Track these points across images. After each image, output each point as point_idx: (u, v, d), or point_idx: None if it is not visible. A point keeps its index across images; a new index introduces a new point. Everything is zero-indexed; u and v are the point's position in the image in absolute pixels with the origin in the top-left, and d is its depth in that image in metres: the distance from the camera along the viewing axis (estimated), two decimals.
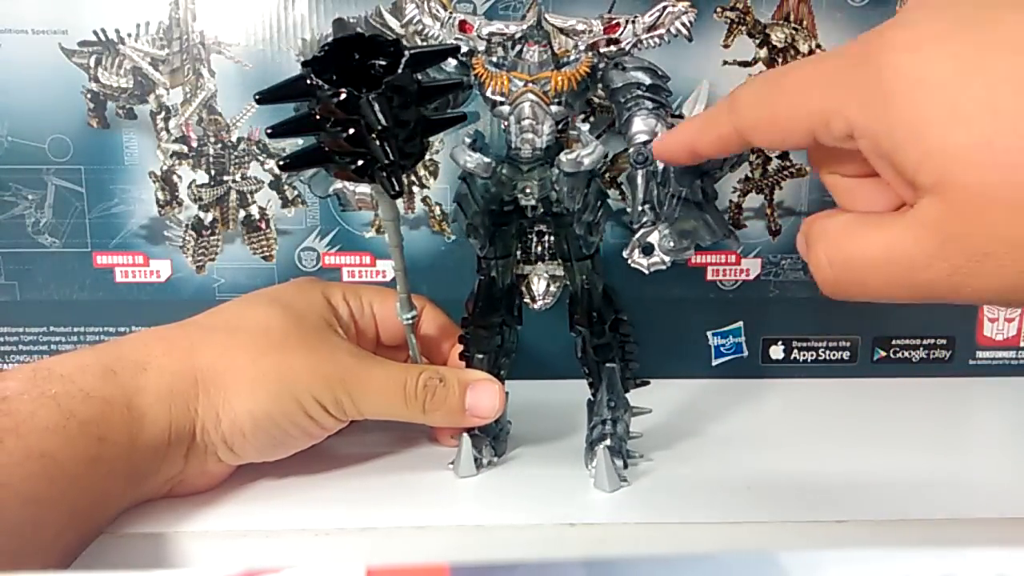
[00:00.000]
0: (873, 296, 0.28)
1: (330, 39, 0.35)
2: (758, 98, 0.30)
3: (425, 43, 0.42)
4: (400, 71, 0.34)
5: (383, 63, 0.35)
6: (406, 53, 0.34)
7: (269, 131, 0.34)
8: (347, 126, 0.33)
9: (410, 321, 0.43)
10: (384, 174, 0.34)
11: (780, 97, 0.29)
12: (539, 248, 0.45)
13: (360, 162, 0.34)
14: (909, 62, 0.25)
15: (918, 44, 0.25)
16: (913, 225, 0.26)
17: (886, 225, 0.27)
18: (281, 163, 0.35)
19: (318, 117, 0.34)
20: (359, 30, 0.36)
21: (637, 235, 0.39)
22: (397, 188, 0.35)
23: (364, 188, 0.42)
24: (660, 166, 0.38)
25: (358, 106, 0.33)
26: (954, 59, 0.24)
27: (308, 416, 0.39)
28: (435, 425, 0.46)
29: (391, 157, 0.34)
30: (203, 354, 0.39)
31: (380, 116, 0.33)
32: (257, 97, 0.34)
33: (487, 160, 0.40)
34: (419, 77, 0.35)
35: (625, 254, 0.40)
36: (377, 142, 0.33)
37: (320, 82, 0.33)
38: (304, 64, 0.34)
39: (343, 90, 0.33)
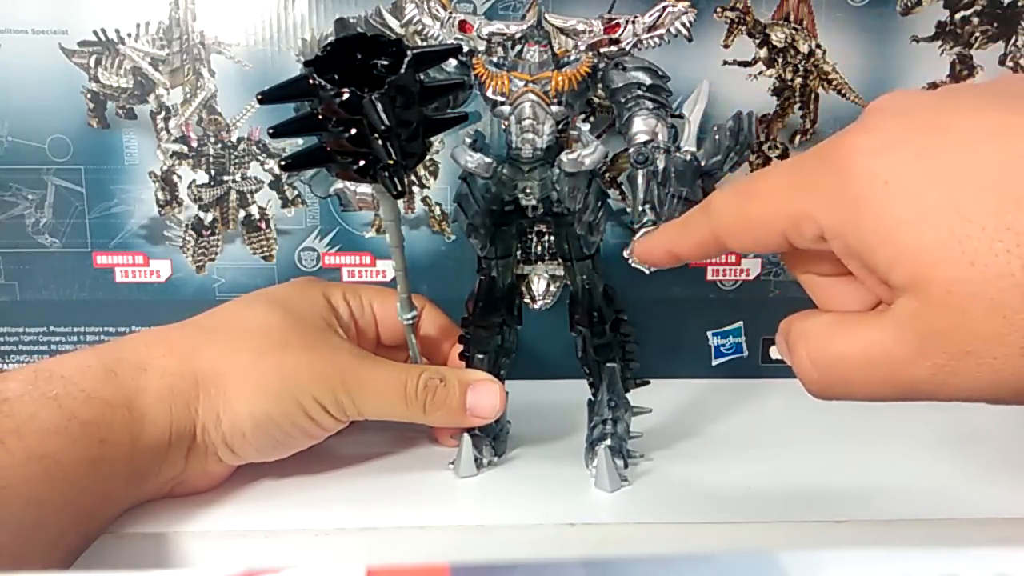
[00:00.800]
0: (860, 396, 0.28)
1: (331, 39, 0.35)
2: (732, 203, 0.31)
3: (425, 43, 0.42)
4: (403, 71, 0.34)
5: (385, 63, 0.35)
6: (409, 53, 0.34)
7: (271, 131, 0.34)
8: (350, 126, 0.33)
9: (410, 321, 0.43)
10: (386, 174, 0.34)
11: (753, 202, 0.30)
12: (539, 248, 0.45)
13: (362, 162, 0.34)
14: (874, 165, 0.26)
15: (881, 148, 0.26)
16: (892, 324, 0.26)
17: (867, 325, 0.27)
18: (283, 163, 0.35)
19: (320, 117, 0.34)
20: (360, 30, 0.35)
21: (638, 235, 0.39)
22: (400, 188, 0.35)
23: (365, 188, 0.42)
24: (660, 165, 0.38)
25: (361, 106, 0.33)
26: (916, 161, 0.25)
27: (308, 417, 0.39)
28: (436, 425, 0.46)
29: (393, 157, 0.34)
30: (204, 355, 0.39)
31: (383, 116, 0.33)
32: (259, 97, 0.34)
33: (488, 160, 0.40)
34: (421, 77, 0.35)
35: (626, 254, 0.40)
36: (379, 142, 0.33)
37: (323, 82, 0.33)
38: (306, 64, 0.34)
39: (346, 90, 0.33)
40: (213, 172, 0.55)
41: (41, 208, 0.55)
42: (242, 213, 0.56)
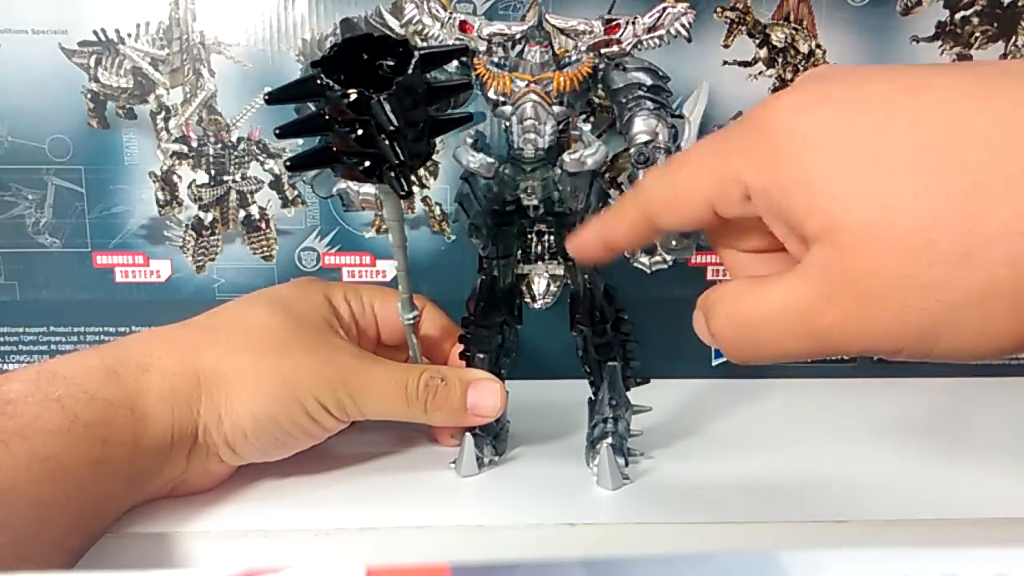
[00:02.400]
0: (776, 351, 0.28)
1: (333, 39, 0.35)
2: (661, 177, 0.32)
3: (426, 43, 0.42)
4: (410, 71, 0.34)
5: (391, 63, 0.35)
6: (416, 54, 0.34)
7: (278, 131, 0.34)
8: (356, 126, 0.33)
9: (411, 321, 0.43)
10: (393, 174, 0.34)
11: (679, 172, 0.31)
12: (539, 248, 0.45)
13: (368, 162, 0.34)
14: (796, 122, 0.27)
15: (803, 107, 0.27)
16: (804, 274, 0.27)
17: (780, 279, 0.28)
18: (288, 163, 0.35)
19: (327, 117, 0.34)
20: (366, 30, 0.36)
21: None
22: (406, 188, 0.35)
23: (369, 189, 0.42)
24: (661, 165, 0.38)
25: (369, 106, 0.33)
26: (835, 116, 0.26)
27: (310, 417, 0.39)
28: (437, 425, 0.46)
29: (401, 157, 0.34)
30: (205, 355, 0.39)
31: (391, 116, 0.33)
32: (266, 97, 0.34)
33: (490, 160, 0.40)
34: (428, 78, 0.35)
35: (627, 253, 0.40)
36: (387, 142, 0.33)
37: (330, 82, 0.33)
38: (313, 64, 0.34)
39: (353, 90, 0.33)
40: (213, 172, 0.55)
41: (41, 208, 0.55)
42: (242, 213, 0.56)
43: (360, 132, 0.33)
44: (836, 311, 0.26)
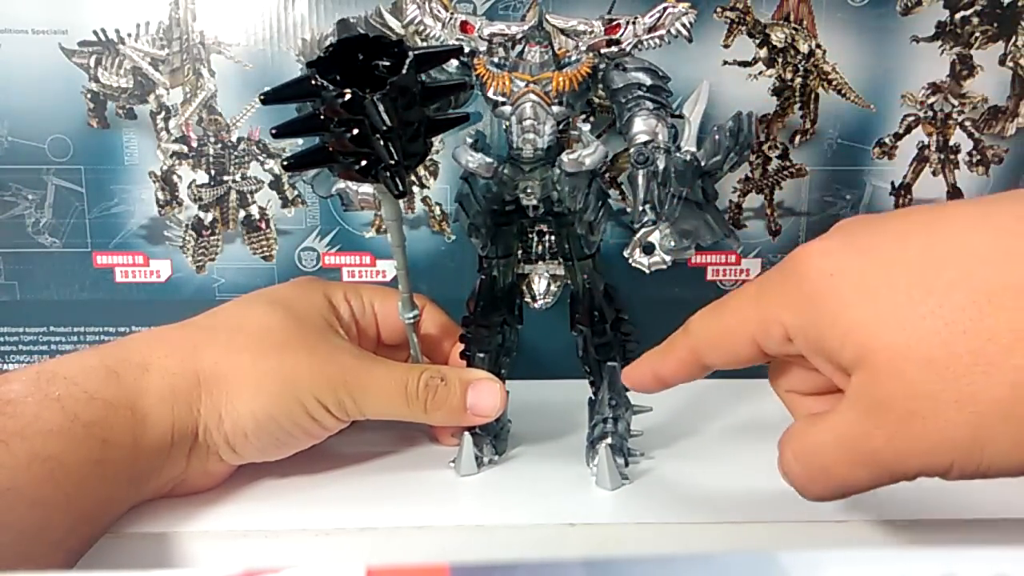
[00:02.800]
0: (841, 483, 0.30)
1: (332, 39, 0.35)
2: (707, 318, 0.35)
3: (427, 43, 0.42)
4: (404, 71, 0.34)
5: (387, 64, 0.35)
6: (410, 54, 0.34)
7: (274, 131, 0.35)
8: (351, 126, 0.33)
9: (412, 320, 0.43)
10: (388, 174, 0.34)
11: (724, 314, 0.34)
12: (540, 247, 0.45)
13: (364, 162, 0.34)
14: (823, 264, 0.30)
15: (829, 250, 0.30)
16: (849, 402, 0.29)
17: (833, 410, 0.30)
18: (285, 163, 0.35)
19: (323, 117, 0.34)
20: (361, 30, 0.36)
21: (638, 235, 0.39)
22: (401, 188, 0.35)
23: (367, 188, 0.42)
24: (661, 166, 0.38)
25: (363, 106, 0.33)
26: (857, 255, 0.29)
27: (310, 417, 0.39)
28: (436, 424, 0.46)
29: (395, 157, 0.34)
30: (205, 355, 0.39)
31: (384, 116, 0.33)
32: (262, 97, 0.34)
33: (489, 160, 0.40)
34: (423, 78, 0.35)
35: (626, 253, 0.40)
36: (381, 142, 0.34)
37: (325, 83, 0.33)
38: (309, 65, 0.34)
39: (348, 91, 0.33)
40: (213, 172, 0.55)
41: (41, 208, 0.55)
42: (242, 213, 0.56)
43: (355, 132, 0.33)
44: (882, 433, 0.28)
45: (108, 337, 0.57)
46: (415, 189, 0.56)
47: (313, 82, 0.33)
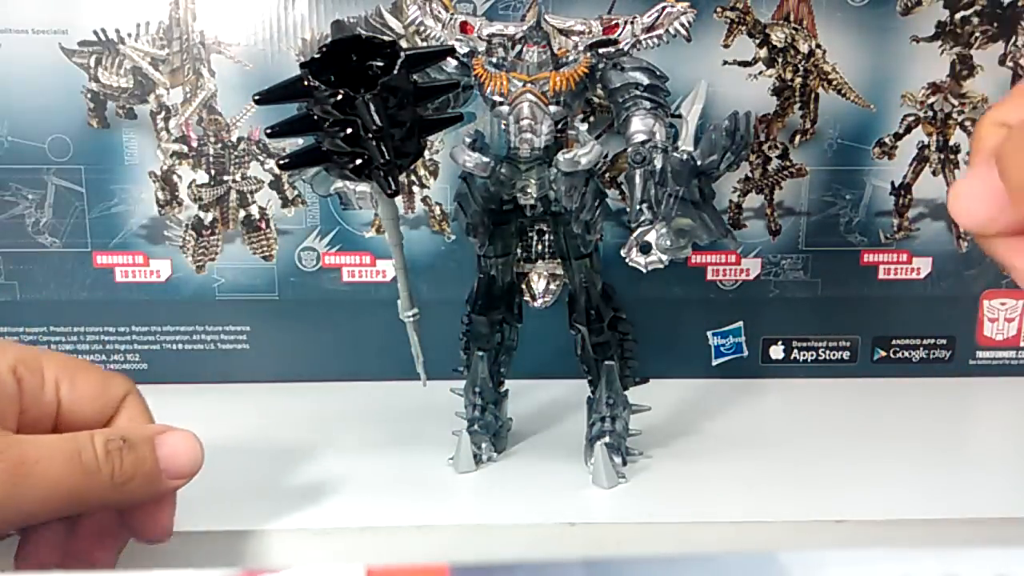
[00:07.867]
0: None
1: (329, 40, 0.35)
2: None
3: (426, 43, 0.42)
4: (396, 72, 0.34)
5: (380, 64, 0.35)
6: (402, 54, 0.34)
7: (268, 131, 0.35)
8: (344, 126, 0.34)
9: (412, 320, 0.43)
10: (380, 173, 0.35)
11: None
12: (539, 246, 0.45)
13: (358, 161, 0.34)
14: None
15: None
16: None
17: None
18: (281, 162, 0.35)
19: (316, 117, 0.34)
20: (358, 30, 0.36)
21: (635, 234, 0.39)
22: (393, 187, 0.35)
23: (365, 187, 0.42)
24: (658, 165, 0.38)
25: (354, 106, 0.33)
26: None
27: None
28: (133, 503, 0.34)
29: (387, 157, 0.34)
30: None
31: (375, 116, 0.33)
32: (256, 98, 0.34)
33: (486, 160, 0.40)
34: (416, 78, 0.35)
35: (623, 252, 0.40)
36: (373, 142, 0.34)
37: (317, 83, 0.33)
38: (302, 65, 0.34)
39: (339, 91, 0.33)
40: (213, 172, 0.55)
41: (41, 208, 0.55)
42: (242, 213, 0.56)
43: (347, 132, 0.34)
44: None
45: (108, 337, 0.57)
46: (415, 189, 0.56)
47: (306, 82, 0.34)
